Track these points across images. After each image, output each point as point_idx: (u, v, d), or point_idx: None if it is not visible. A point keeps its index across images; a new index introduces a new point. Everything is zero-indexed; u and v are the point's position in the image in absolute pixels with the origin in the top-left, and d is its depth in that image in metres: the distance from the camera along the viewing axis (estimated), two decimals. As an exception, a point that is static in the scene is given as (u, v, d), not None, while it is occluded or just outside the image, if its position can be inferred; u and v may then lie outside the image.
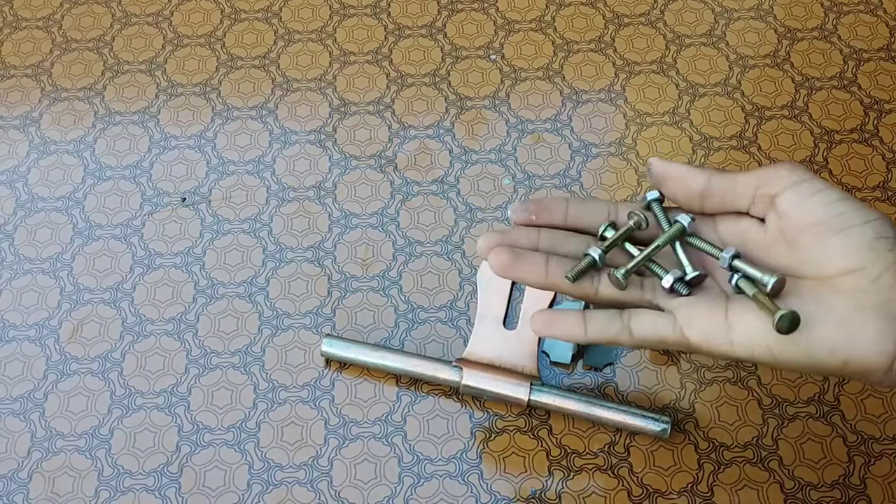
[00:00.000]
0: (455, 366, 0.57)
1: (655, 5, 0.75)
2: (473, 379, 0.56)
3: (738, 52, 0.72)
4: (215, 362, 0.59)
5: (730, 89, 0.70)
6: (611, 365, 0.59)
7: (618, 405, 0.55)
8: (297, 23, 0.74)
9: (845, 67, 0.71)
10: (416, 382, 0.58)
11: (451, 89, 0.70)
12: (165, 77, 0.72)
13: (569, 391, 0.56)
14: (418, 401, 0.58)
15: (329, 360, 0.59)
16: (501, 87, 0.70)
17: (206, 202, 0.66)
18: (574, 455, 0.56)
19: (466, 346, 0.59)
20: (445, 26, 0.74)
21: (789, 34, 0.73)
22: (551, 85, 0.70)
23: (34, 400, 0.58)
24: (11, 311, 0.61)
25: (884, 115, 0.68)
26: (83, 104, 0.70)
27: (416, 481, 0.55)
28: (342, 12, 0.75)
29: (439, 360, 0.58)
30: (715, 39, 0.73)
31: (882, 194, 0.65)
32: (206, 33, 0.74)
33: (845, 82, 0.70)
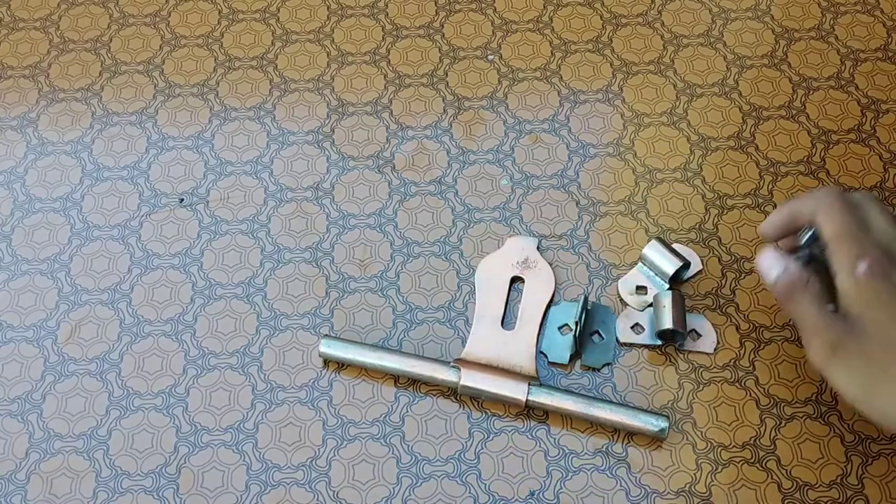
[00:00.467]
0: (453, 366, 0.57)
1: (653, 6, 0.75)
2: (471, 379, 0.56)
3: (736, 53, 0.72)
4: (213, 363, 0.59)
5: (727, 90, 0.70)
6: (608, 365, 0.59)
7: (616, 405, 0.56)
8: (295, 23, 0.74)
9: (842, 68, 0.71)
10: (414, 383, 0.58)
11: (449, 90, 0.70)
12: (163, 78, 0.72)
13: (567, 391, 0.56)
14: (416, 401, 0.58)
15: (327, 361, 0.59)
16: (499, 88, 0.70)
17: (204, 203, 0.66)
18: (572, 455, 0.56)
19: (464, 346, 0.59)
20: (443, 27, 0.74)
21: (786, 34, 0.73)
22: (549, 85, 0.71)
23: (32, 401, 0.58)
24: (9, 312, 0.61)
25: (881, 115, 0.69)
26: (81, 105, 0.70)
27: (415, 482, 0.55)
28: (340, 13, 0.75)
29: (437, 360, 0.58)
30: (712, 40, 0.73)
31: (879, 194, 0.65)
32: (203, 34, 0.74)
33: (842, 82, 0.70)
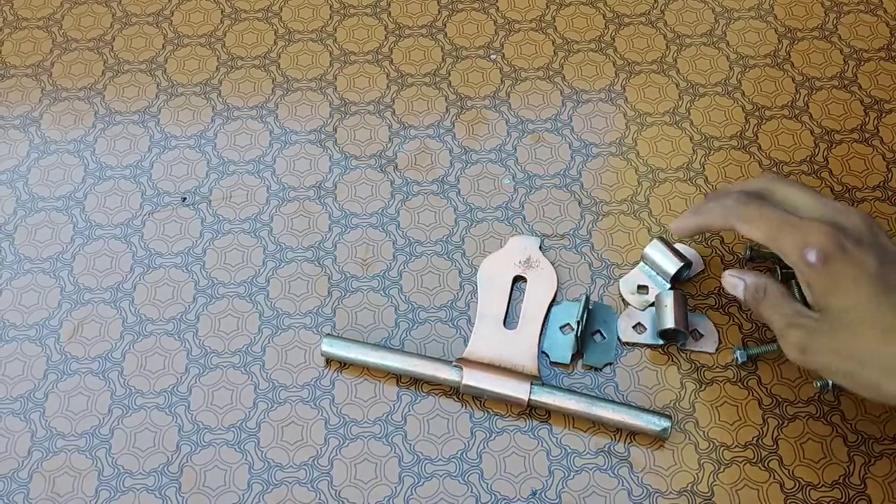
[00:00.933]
0: (455, 366, 0.57)
1: (656, 5, 0.75)
2: (474, 378, 0.56)
3: (739, 52, 0.72)
4: (215, 362, 0.59)
5: (730, 89, 0.70)
6: (610, 365, 0.59)
7: (618, 405, 0.55)
8: (298, 22, 0.74)
9: (846, 67, 0.71)
10: (416, 382, 0.58)
11: (452, 89, 0.70)
12: (166, 77, 0.72)
13: (569, 391, 0.56)
14: (418, 400, 0.58)
15: (329, 360, 0.59)
16: (502, 87, 0.70)
17: (207, 202, 0.66)
18: (574, 455, 0.56)
19: (467, 345, 0.59)
20: (446, 26, 0.74)
21: (790, 34, 0.73)
22: (551, 85, 0.70)
23: (34, 400, 0.58)
24: (12, 310, 0.61)
25: (884, 114, 0.68)
26: (83, 104, 0.70)
27: (417, 481, 0.55)
28: (342, 12, 0.75)
29: (439, 359, 0.58)
30: (715, 39, 0.73)
31: (882, 194, 0.65)
32: (206, 33, 0.74)
33: (846, 82, 0.70)
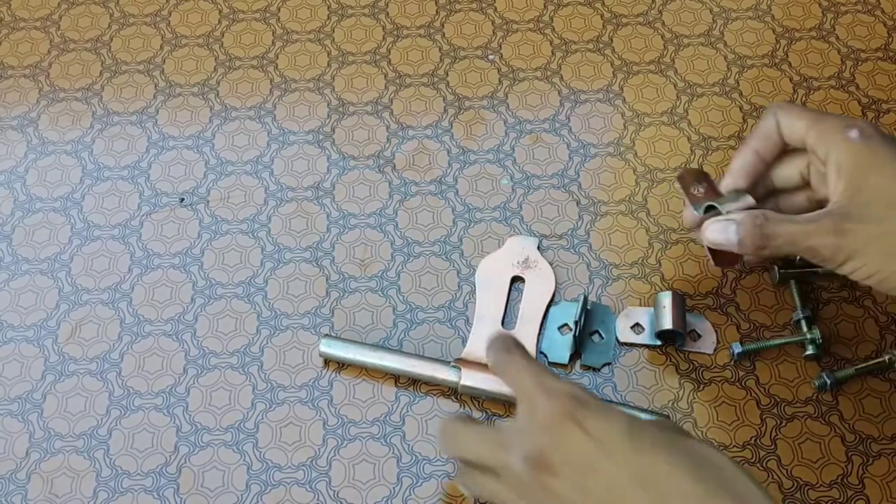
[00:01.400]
0: (454, 366, 0.57)
1: (653, 5, 0.75)
2: (472, 379, 0.56)
3: (736, 52, 0.72)
4: (214, 363, 0.59)
5: (728, 89, 0.70)
6: (608, 365, 0.59)
7: (616, 405, 0.55)
8: (295, 23, 0.74)
9: (843, 67, 0.71)
10: (414, 383, 0.58)
11: (450, 89, 0.70)
12: (163, 77, 0.72)
13: (567, 391, 0.56)
14: (417, 401, 0.58)
15: (327, 361, 0.59)
16: (499, 88, 0.70)
17: (205, 202, 0.66)
18: (572, 455, 0.56)
19: (465, 346, 0.59)
20: (443, 26, 0.74)
21: (787, 34, 0.73)
22: (549, 85, 0.70)
23: (32, 401, 0.58)
24: (9, 311, 0.61)
25: (881, 114, 0.68)
26: (81, 104, 0.70)
27: (415, 481, 0.55)
28: (340, 12, 0.75)
29: (438, 360, 0.58)
30: (713, 39, 0.73)
31: (880, 194, 0.65)
32: (204, 33, 0.74)
33: (843, 82, 0.70)
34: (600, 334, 0.59)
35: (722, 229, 0.50)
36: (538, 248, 0.62)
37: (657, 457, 0.41)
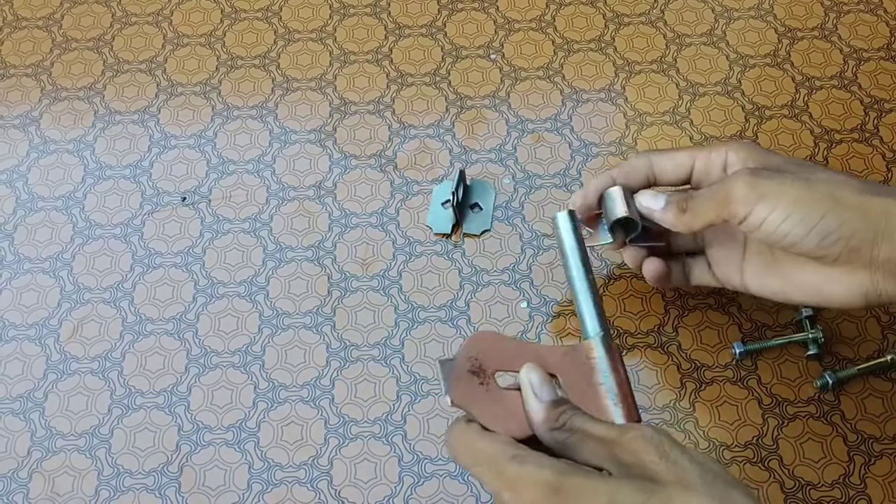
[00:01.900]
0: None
1: (656, 5, 0.75)
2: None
3: (739, 52, 0.72)
4: (215, 362, 0.59)
5: (730, 89, 0.70)
6: (487, 232, 0.63)
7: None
8: (297, 22, 0.74)
9: (845, 67, 0.71)
10: (415, 382, 0.58)
11: (452, 89, 0.70)
12: (165, 76, 0.72)
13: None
14: (418, 400, 0.58)
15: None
16: (501, 87, 0.70)
17: (207, 202, 0.66)
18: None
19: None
20: (445, 26, 0.74)
21: (789, 33, 0.73)
22: (551, 84, 0.70)
23: (34, 399, 0.58)
24: (11, 310, 0.61)
25: (884, 114, 0.68)
26: (83, 103, 0.70)
27: (417, 480, 0.55)
28: (342, 12, 0.75)
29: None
30: (715, 39, 0.73)
31: (882, 194, 0.65)
32: (206, 33, 0.74)
33: (845, 82, 0.70)
34: (479, 206, 0.64)
35: (653, 194, 0.54)
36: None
37: None
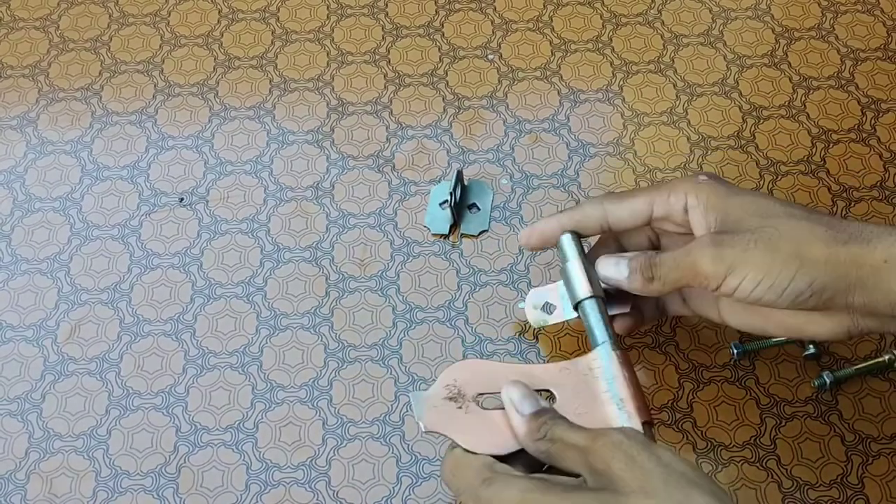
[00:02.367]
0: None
1: (653, 5, 0.75)
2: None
3: (736, 52, 0.72)
4: (213, 363, 0.59)
5: (727, 89, 0.70)
6: (485, 232, 0.63)
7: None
8: (295, 23, 0.74)
9: (843, 67, 0.71)
10: (413, 382, 0.58)
11: (449, 89, 0.70)
12: (163, 77, 0.72)
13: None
14: (416, 401, 0.58)
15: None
16: (499, 87, 0.70)
17: (204, 202, 0.66)
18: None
19: (464, 347, 0.59)
20: (443, 26, 0.74)
21: (787, 34, 0.73)
22: (549, 85, 0.70)
23: (31, 401, 0.58)
24: (9, 311, 0.61)
25: (881, 114, 0.68)
26: (80, 104, 0.70)
27: (415, 481, 0.55)
28: (339, 12, 0.75)
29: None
30: (712, 39, 0.73)
31: (879, 193, 0.65)
32: (203, 33, 0.74)
33: (843, 82, 0.70)
34: (477, 206, 0.64)
35: (614, 263, 0.51)
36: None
37: None
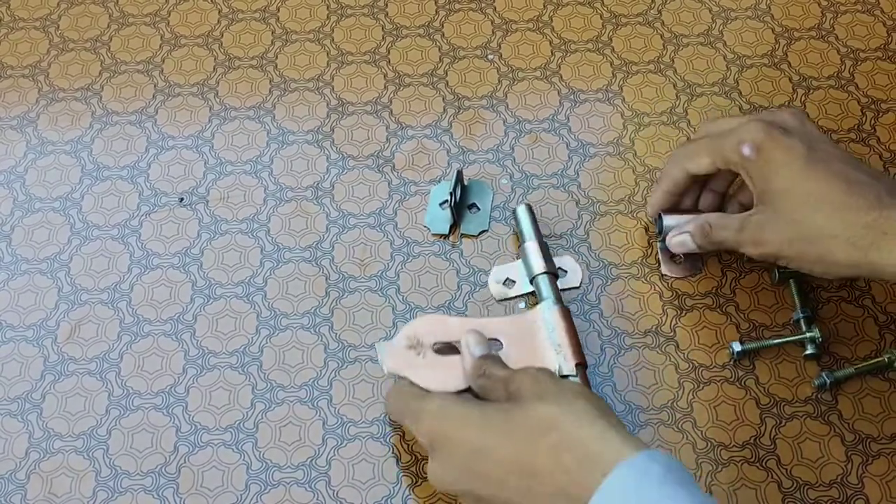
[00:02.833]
0: None
1: (653, 5, 0.75)
2: None
3: (736, 52, 0.72)
4: (213, 363, 0.59)
5: (727, 89, 0.70)
6: (485, 232, 0.63)
7: None
8: (295, 23, 0.74)
9: (842, 67, 0.71)
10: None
11: (449, 89, 0.70)
12: (163, 77, 0.72)
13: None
14: (416, 401, 0.58)
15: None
16: (499, 87, 0.70)
17: (204, 202, 0.66)
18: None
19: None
20: (443, 26, 0.74)
21: (786, 34, 0.73)
22: (549, 85, 0.70)
23: (32, 400, 0.58)
24: (9, 311, 0.61)
25: (881, 114, 0.68)
26: (80, 104, 0.70)
27: (415, 481, 0.55)
28: (339, 12, 0.75)
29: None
30: (712, 39, 0.73)
31: (879, 194, 0.65)
32: (203, 33, 0.74)
33: (842, 82, 0.70)
34: (477, 206, 0.64)
35: (681, 242, 0.59)
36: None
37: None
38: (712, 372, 0.58)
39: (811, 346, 0.58)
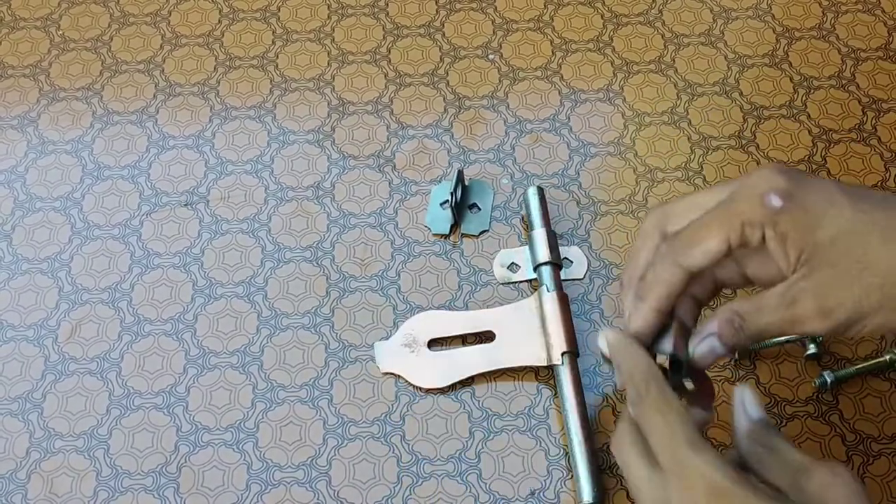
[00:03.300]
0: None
1: (654, 5, 0.75)
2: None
3: (737, 52, 0.72)
4: (214, 362, 0.59)
5: (728, 89, 0.70)
6: (486, 232, 0.63)
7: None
8: (295, 22, 0.74)
9: (843, 67, 0.71)
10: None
11: (450, 89, 0.70)
12: (163, 77, 0.72)
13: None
14: (417, 400, 0.58)
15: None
16: (500, 87, 0.70)
17: (205, 202, 0.66)
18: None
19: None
20: (444, 26, 0.74)
21: (787, 34, 0.73)
22: (549, 84, 0.70)
23: (32, 400, 0.58)
24: (10, 311, 0.61)
25: (882, 114, 0.68)
26: (81, 104, 0.70)
27: (415, 481, 0.55)
28: (340, 12, 0.75)
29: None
30: (713, 39, 0.73)
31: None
32: (204, 33, 0.74)
33: (843, 82, 0.70)
34: (478, 206, 0.64)
35: (708, 350, 0.45)
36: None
37: None
38: (712, 372, 0.58)
39: (812, 345, 0.58)
